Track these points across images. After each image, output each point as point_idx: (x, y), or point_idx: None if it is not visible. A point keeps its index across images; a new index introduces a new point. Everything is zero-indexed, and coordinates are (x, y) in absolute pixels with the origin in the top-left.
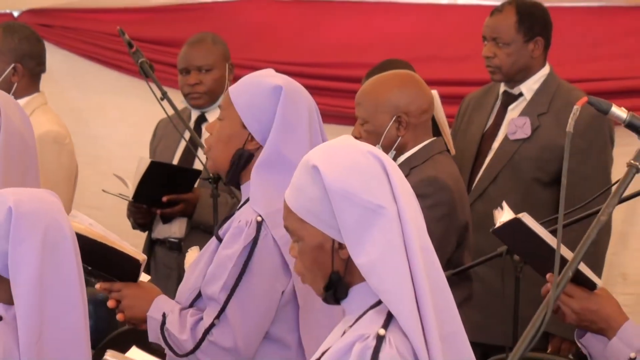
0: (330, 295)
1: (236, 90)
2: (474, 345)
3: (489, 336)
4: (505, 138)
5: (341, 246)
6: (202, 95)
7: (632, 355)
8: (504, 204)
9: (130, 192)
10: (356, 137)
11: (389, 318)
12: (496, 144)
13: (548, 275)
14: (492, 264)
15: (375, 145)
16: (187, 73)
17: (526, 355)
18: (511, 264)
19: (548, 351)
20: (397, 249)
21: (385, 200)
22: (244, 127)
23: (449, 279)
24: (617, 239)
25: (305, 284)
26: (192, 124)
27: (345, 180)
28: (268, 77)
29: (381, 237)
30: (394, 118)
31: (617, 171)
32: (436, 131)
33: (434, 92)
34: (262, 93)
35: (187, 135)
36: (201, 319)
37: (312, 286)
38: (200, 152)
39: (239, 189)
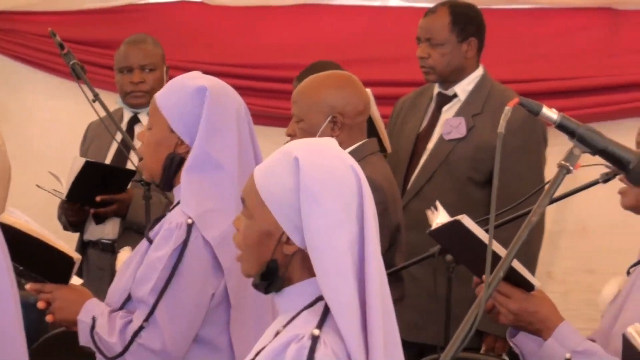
0: (263, 285)
1: (162, 95)
2: (409, 344)
3: (423, 336)
4: (440, 138)
5: (289, 241)
6: (145, 94)
7: (568, 355)
8: (438, 205)
9: (64, 190)
10: (290, 135)
11: (323, 319)
12: (431, 144)
13: (484, 277)
14: (425, 264)
15: None
16: (130, 71)
17: (459, 355)
18: (444, 264)
19: (482, 350)
20: (351, 266)
21: (350, 217)
22: (172, 131)
23: None
24: (544, 238)
25: (238, 262)
26: (124, 126)
27: (321, 183)
28: (193, 79)
29: (339, 251)
30: (329, 118)
31: (550, 172)
32: (371, 131)
33: (368, 91)
34: (186, 95)
35: (118, 137)
36: (130, 321)
37: (244, 265)
38: (132, 154)
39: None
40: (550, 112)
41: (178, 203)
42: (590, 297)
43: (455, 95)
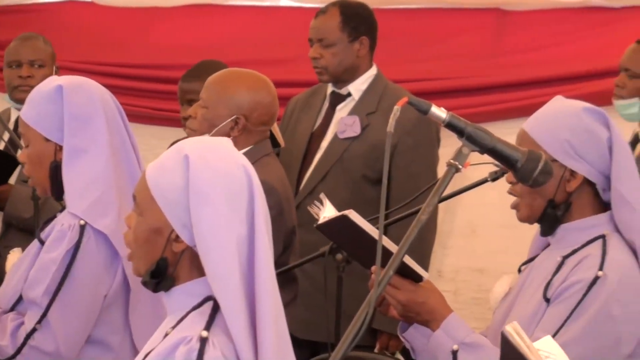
0: (153, 283)
1: (25, 110)
2: (302, 342)
3: (316, 333)
4: (335, 137)
5: (178, 239)
6: (32, 90)
7: (455, 347)
8: (324, 198)
9: None
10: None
11: (211, 319)
12: (325, 143)
13: (373, 268)
14: (320, 262)
15: (204, 133)
16: (19, 66)
17: (353, 354)
18: (334, 263)
19: (376, 348)
20: (239, 265)
21: (240, 216)
22: (47, 140)
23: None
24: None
25: (129, 261)
26: (11, 125)
27: (210, 182)
28: (47, 84)
29: (228, 250)
30: (233, 117)
31: (443, 171)
32: None
33: None
34: (45, 100)
35: (6, 136)
36: (22, 323)
37: (135, 264)
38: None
39: None
40: (439, 111)
41: None
42: (480, 296)
43: (349, 95)
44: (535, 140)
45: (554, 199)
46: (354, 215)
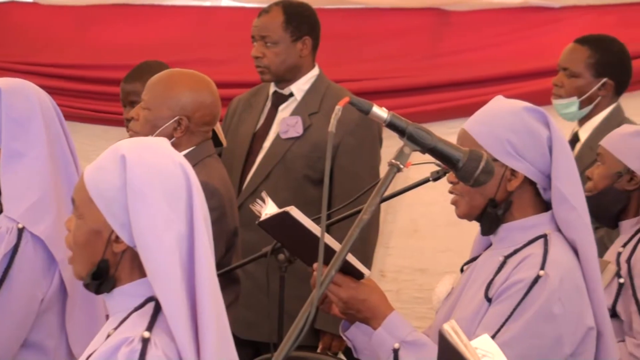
0: (94, 284)
1: None
2: (244, 342)
3: (259, 333)
4: (277, 137)
5: (118, 240)
6: None
7: (396, 345)
8: (265, 196)
9: None
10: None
11: (153, 320)
12: (267, 143)
13: (314, 265)
14: (262, 262)
15: (147, 135)
16: None
17: (295, 354)
18: (276, 263)
19: (319, 349)
20: (180, 264)
21: (179, 216)
22: None
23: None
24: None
25: (70, 264)
26: None
27: (148, 181)
28: None
29: (167, 249)
30: (175, 118)
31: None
32: None
33: None
34: None
35: None
36: None
37: (75, 267)
38: None
39: None
40: (380, 111)
41: None
42: (422, 295)
43: (291, 95)
44: (476, 139)
45: (494, 198)
46: (295, 211)
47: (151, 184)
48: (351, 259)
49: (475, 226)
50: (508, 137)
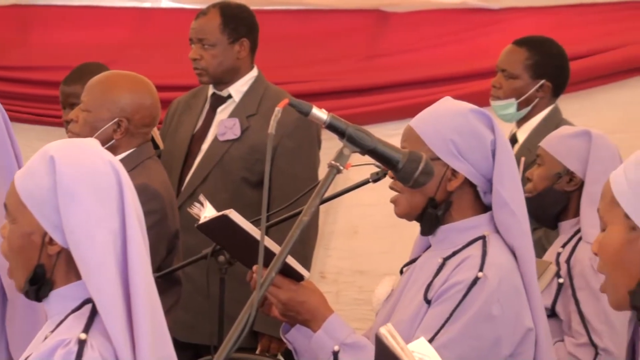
0: (33, 290)
1: None
2: (184, 345)
3: (198, 336)
4: (215, 139)
5: (52, 242)
6: None
7: (336, 348)
8: (203, 199)
9: None
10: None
11: (90, 322)
12: (206, 145)
13: (254, 267)
14: (201, 264)
15: (86, 137)
16: None
17: (234, 356)
18: (216, 265)
19: (257, 350)
20: (115, 264)
21: (111, 213)
22: None
23: (158, 284)
24: (317, 239)
25: (10, 278)
26: None
27: (78, 180)
28: None
29: (101, 246)
30: (115, 120)
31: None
32: None
33: None
34: None
35: None
36: None
37: (15, 278)
38: None
39: None
40: (320, 113)
41: None
42: (361, 297)
43: (229, 96)
44: (420, 136)
45: (434, 197)
46: (234, 214)
47: (81, 183)
48: (291, 261)
49: (415, 228)
50: (452, 137)
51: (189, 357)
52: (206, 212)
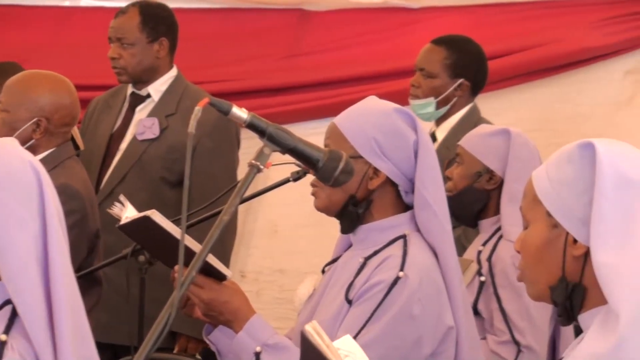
0: None
1: None
2: (103, 345)
3: (117, 337)
4: (134, 138)
5: None
6: None
7: (258, 349)
8: (123, 199)
9: None
10: None
11: (10, 323)
12: (124, 145)
13: (176, 267)
14: (120, 265)
15: (5, 137)
16: None
17: (153, 355)
18: (136, 265)
19: (175, 350)
20: (36, 265)
21: (31, 214)
22: None
23: (78, 284)
24: (237, 239)
25: None
26: None
27: None
28: None
29: (22, 248)
30: (34, 119)
31: (244, 173)
32: None
33: None
34: None
35: None
36: None
37: None
38: None
39: None
40: (240, 112)
41: None
42: (282, 296)
43: (148, 96)
44: (343, 134)
45: (355, 195)
46: (156, 215)
47: (0, 185)
48: (213, 260)
49: (335, 227)
50: (375, 135)
51: (107, 357)
52: (127, 212)
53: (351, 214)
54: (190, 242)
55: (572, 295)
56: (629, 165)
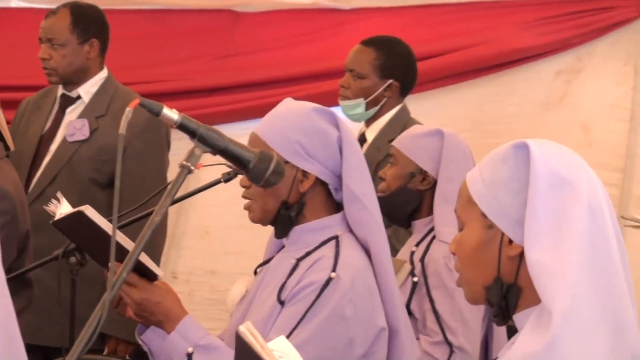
0: None
1: None
2: (34, 348)
3: (48, 338)
4: (64, 140)
5: None
6: None
7: (190, 349)
8: (60, 196)
9: None
10: None
11: None
12: (54, 146)
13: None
14: (50, 266)
15: None
16: None
17: (83, 358)
18: (67, 266)
19: (105, 352)
20: None
21: None
22: None
23: (8, 286)
24: (169, 240)
25: None
26: None
27: None
28: None
29: None
30: None
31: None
32: None
33: None
34: None
35: None
36: None
37: None
38: None
39: None
40: (171, 113)
41: None
42: (214, 297)
43: (79, 97)
44: (266, 142)
45: (287, 200)
46: (89, 211)
47: None
48: (145, 260)
49: (267, 228)
50: (297, 138)
51: (38, 359)
52: (62, 208)
53: (284, 219)
54: (122, 240)
55: (507, 295)
56: (562, 165)
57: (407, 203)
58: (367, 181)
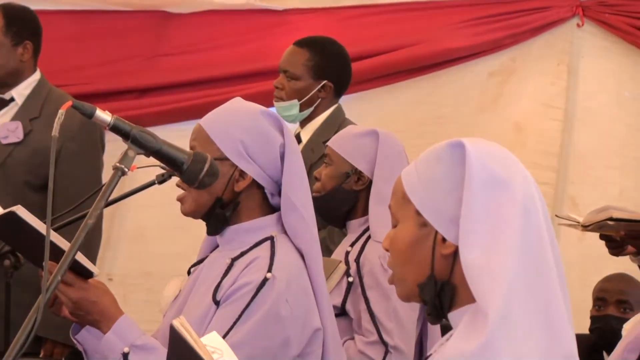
0: None
1: None
2: None
3: None
4: None
5: None
6: None
7: (126, 349)
8: None
9: None
10: None
11: None
12: None
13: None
14: None
15: None
16: None
17: None
18: (1, 269)
19: (41, 355)
20: None
21: None
22: None
23: None
24: (104, 242)
25: None
26: None
27: None
28: None
29: None
30: None
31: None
32: None
33: None
34: None
35: None
36: None
37: None
38: None
39: None
40: (104, 115)
41: None
42: (149, 298)
43: (12, 99)
44: (209, 135)
45: (221, 197)
46: (22, 211)
47: None
48: (80, 257)
49: (201, 228)
50: (242, 137)
51: None
52: None
53: (218, 216)
54: (57, 239)
55: (441, 293)
56: (497, 164)
57: (342, 203)
58: (306, 191)
